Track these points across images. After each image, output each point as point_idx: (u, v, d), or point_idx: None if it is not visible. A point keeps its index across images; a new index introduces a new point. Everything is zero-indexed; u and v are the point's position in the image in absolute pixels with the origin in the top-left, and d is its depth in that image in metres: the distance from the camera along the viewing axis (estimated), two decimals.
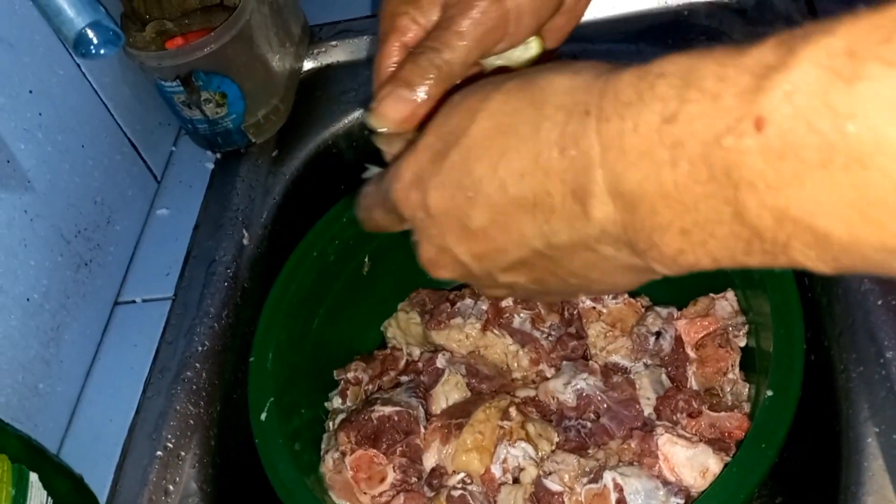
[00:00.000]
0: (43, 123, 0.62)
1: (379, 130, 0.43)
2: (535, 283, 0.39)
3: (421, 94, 0.42)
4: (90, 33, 0.50)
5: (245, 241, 0.73)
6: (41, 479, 0.49)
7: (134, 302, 0.70)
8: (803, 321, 0.56)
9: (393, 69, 0.45)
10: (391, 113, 0.42)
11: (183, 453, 0.61)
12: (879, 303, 0.55)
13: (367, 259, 0.77)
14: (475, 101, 0.36)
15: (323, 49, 0.87)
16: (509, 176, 0.34)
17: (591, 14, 0.52)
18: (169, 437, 0.61)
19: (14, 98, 0.60)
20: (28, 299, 0.59)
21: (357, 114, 0.83)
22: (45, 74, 0.63)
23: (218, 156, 0.80)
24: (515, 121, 0.34)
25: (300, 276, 0.70)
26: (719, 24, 0.78)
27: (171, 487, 0.59)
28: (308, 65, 0.87)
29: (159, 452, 0.60)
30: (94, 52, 0.52)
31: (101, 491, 0.58)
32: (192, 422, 0.63)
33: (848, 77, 0.23)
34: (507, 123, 0.34)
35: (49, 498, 0.48)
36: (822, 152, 0.24)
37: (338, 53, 0.87)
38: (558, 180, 0.32)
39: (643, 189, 0.29)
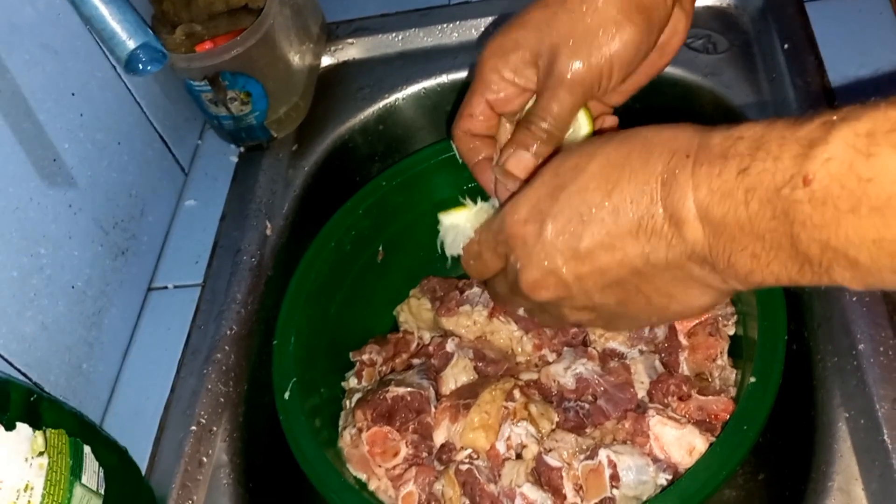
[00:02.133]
0: (84, 123, 0.67)
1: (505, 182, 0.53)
2: (620, 306, 0.46)
3: (536, 152, 0.52)
4: (140, 54, 0.54)
5: (268, 232, 0.78)
6: (93, 451, 0.54)
7: (166, 288, 0.74)
8: (787, 314, 0.60)
9: (474, 124, 0.56)
10: (514, 170, 0.52)
11: (214, 428, 0.66)
12: (854, 300, 0.59)
13: (381, 248, 0.81)
14: (590, 149, 0.44)
15: (340, 46, 0.91)
16: (620, 202, 0.42)
17: None
18: (202, 413, 0.65)
19: (59, 101, 0.64)
20: (73, 287, 0.64)
21: (372, 109, 0.87)
22: (85, 78, 0.67)
23: (241, 149, 0.84)
24: (628, 159, 0.42)
25: (319, 264, 0.74)
26: (718, 29, 0.82)
27: (204, 459, 0.64)
28: (326, 61, 0.91)
29: (193, 427, 0.64)
30: (142, 69, 0.56)
31: (141, 462, 0.62)
32: (222, 400, 0.67)
33: (866, 153, 0.32)
34: (621, 161, 0.42)
35: (100, 468, 0.53)
36: (850, 203, 0.33)
37: (354, 51, 0.91)
38: (660, 206, 0.40)
39: (725, 220, 0.38)
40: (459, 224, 0.60)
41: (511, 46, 0.52)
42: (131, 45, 0.53)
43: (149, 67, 0.56)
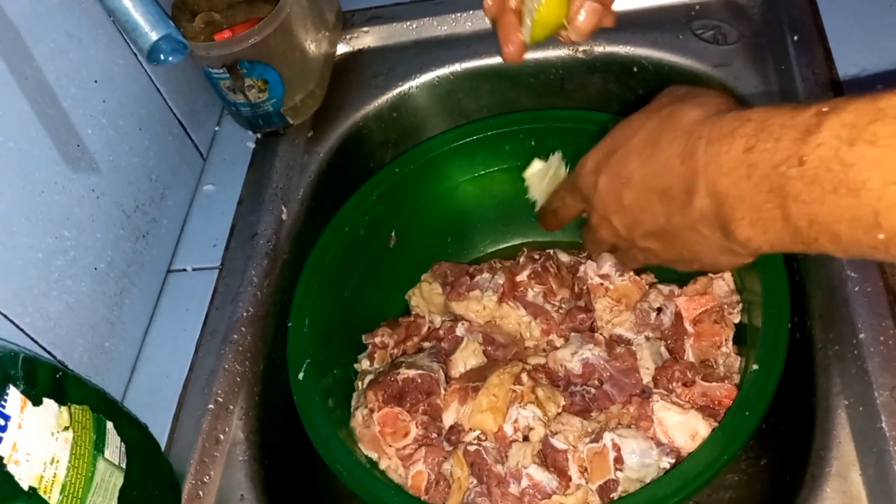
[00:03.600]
0: (106, 110, 0.69)
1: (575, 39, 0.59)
2: (663, 251, 0.54)
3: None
4: (162, 45, 0.56)
5: (284, 216, 0.79)
6: (115, 426, 0.56)
7: (185, 270, 0.76)
8: (790, 303, 0.61)
9: None
10: (586, 26, 0.58)
11: (231, 406, 0.67)
12: (857, 289, 0.60)
13: (393, 233, 0.82)
14: (638, 121, 0.52)
15: (355, 35, 0.92)
16: (649, 171, 0.49)
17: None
18: (219, 392, 0.67)
19: (83, 88, 0.66)
20: (95, 268, 0.66)
21: (386, 97, 0.89)
22: (108, 65, 0.69)
23: (258, 135, 0.86)
24: (659, 137, 0.49)
25: (333, 248, 0.76)
26: (728, 20, 0.83)
27: (221, 436, 0.66)
28: (341, 49, 0.92)
29: (211, 406, 0.66)
30: (164, 60, 0.58)
31: (161, 438, 0.64)
32: (238, 379, 0.69)
33: (849, 142, 0.37)
34: (655, 138, 0.49)
35: (122, 443, 0.56)
36: (833, 184, 0.38)
37: (369, 39, 0.92)
38: (678, 179, 0.47)
39: (728, 192, 0.43)
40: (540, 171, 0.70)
41: None
42: (154, 36, 0.54)
43: (170, 58, 0.58)
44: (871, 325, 0.58)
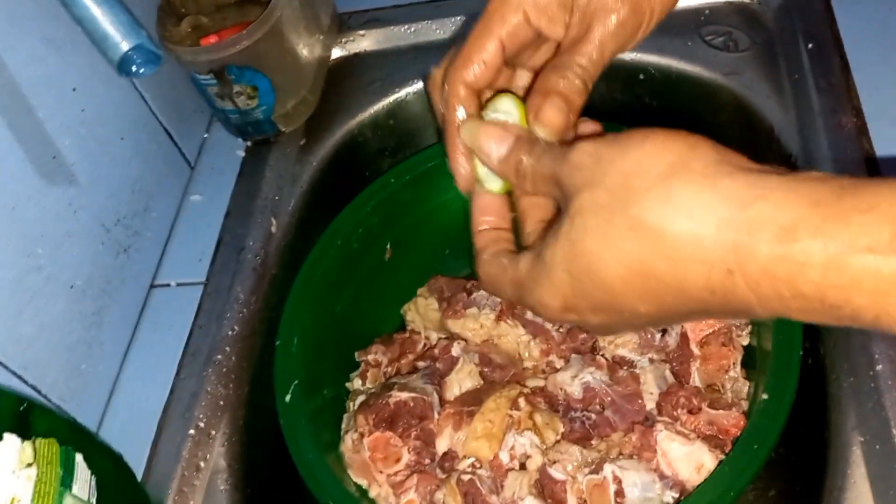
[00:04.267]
0: (86, 119, 0.66)
1: (542, 136, 0.45)
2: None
3: (574, 103, 0.45)
4: (134, 56, 0.53)
5: (273, 229, 0.76)
6: (85, 458, 0.53)
7: (169, 285, 0.73)
8: (802, 327, 0.58)
9: (479, 73, 0.47)
10: (555, 122, 0.45)
11: (213, 432, 0.65)
12: None
13: (389, 246, 0.79)
14: (597, 244, 0.37)
15: (351, 38, 0.89)
16: (658, 311, 0.37)
17: None
18: (200, 416, 0.64)
19: (60, 96, 0.63)
20: (72, 286, 0.63)
21: (383, 103, 0.86)
22: (88, 72, 0.66)
23: (248, 143, 0.83)
24: (653, 270, 0.35)
25: (325, 262, 0.73)
26: (739, 26, 0.79)
27: (202, 464, 0.63)
28: (337, 53, 0.89)
29: (191, 431, 0.64)
30: (135, 72, 0.55)
31: (138, 466, 0.62)
32: (222, 402, 0.66)
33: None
34: (643, 271, 0.36)
35: (92, 476, 0.52)
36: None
37: (366, 42, 0.89)
38: (718, 312, 0.36)
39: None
40: None
41: None
42: (125, 46, 0.51)
43: (142, 70, 0.55)
44: (889, 356, 0.55)
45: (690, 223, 0.34)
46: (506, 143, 0.45)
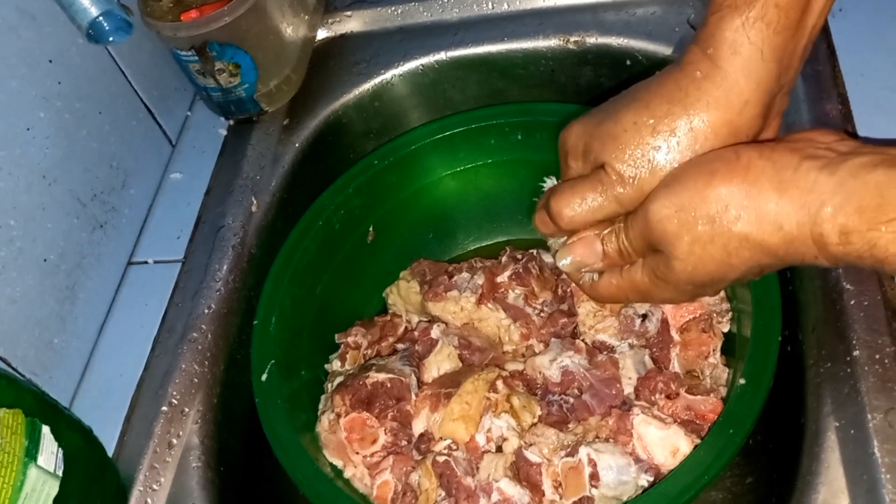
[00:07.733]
0: (62, 91, 0.65)
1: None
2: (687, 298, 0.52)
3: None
4: (103, 22, 0.52)
5: (253, 209, 0.76)
6: (53, 431, 0.52)
7: (146, 263, 0.72)
8: (782, 315, 0.57)
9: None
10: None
11: (187, 409, 0.64)
12: (853, 303, 0.56)
13: (371, 228, 0.79)
14: (714, 265, 0.46)
15: (338, 19, 0.88)
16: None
17: None
18: (174, 393, 0.64)
19: (34, 68, 0.62)
20: (45, 260, 0.63)
21: (368, 85, 0.85)
22: (65, 44, 0.65)
23: (231, 122, 0.82)
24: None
25: (306, 242, 0.72)
26: None
27: (174, 441, 0.62)
28: (322, 34, 0.88)
29: (164, 408, 0.63)
30: (105, 38, 0.54)
31: (110, 442, 0.61)
32: (196, 380, 0.65)
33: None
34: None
35: (59, 449, 0.52)
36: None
37: (352, 23, 0.88)
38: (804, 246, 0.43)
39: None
40: None
41: None
42: (94, 12, 0.50)
43: (112, 38, 0.54)
44: (866, 342, 0.54)
45: (780, 232, 0.42)
46: (593, 251, 0.53)
